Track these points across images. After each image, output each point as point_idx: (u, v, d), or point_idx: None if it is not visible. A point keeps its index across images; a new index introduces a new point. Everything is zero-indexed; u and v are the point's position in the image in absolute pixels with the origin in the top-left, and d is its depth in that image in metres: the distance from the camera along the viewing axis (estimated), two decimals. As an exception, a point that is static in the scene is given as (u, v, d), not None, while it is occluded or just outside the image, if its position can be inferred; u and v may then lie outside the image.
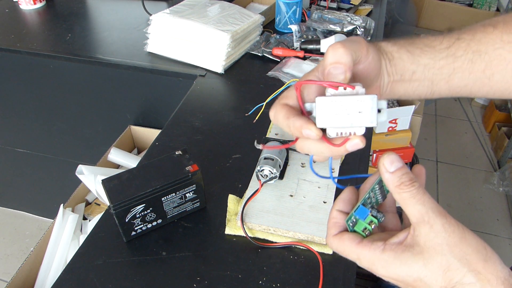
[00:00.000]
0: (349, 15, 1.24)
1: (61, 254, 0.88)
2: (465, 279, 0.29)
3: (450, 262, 0.29)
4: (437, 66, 0.40)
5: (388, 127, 1.50)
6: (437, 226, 0.30)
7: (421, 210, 0.30)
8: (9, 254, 1.67)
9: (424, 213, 0.30)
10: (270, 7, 1.27)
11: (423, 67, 0.40)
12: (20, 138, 1.42)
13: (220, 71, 1.02)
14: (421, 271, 0.30)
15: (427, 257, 0.30)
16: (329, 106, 0.33)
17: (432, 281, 0.30)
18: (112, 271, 0.58)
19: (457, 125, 2.47)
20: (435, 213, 0.30)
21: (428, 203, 0.31)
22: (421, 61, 0.40)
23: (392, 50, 0.39)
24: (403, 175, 0.32)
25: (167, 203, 0.61)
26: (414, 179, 0.32)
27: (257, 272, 0.58)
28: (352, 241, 0.34)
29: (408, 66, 0.40)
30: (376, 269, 0.32)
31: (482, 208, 1.93)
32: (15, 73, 1.21)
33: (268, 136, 0.80)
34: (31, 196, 1.69)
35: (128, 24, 1.27)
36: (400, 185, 0.31)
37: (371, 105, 0.33)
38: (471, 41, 0.40)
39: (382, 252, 0.32)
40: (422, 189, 0.31)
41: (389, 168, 0.32)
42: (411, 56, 0.39)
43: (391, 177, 0.32)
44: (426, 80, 0.40)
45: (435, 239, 0.30)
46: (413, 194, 0.31)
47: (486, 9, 2.77)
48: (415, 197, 0.31)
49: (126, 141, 1.15)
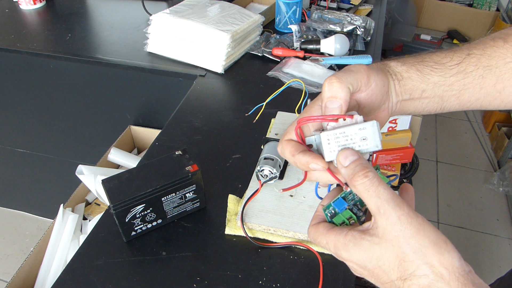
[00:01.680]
0: (349, 15, 1.24)
1: (61, 254, 0.88)
2: (418, 271, 0.29)
3: (406, 253, 0.30)
4: (448, 83, 0.40)
5: (388, 127, 1.50)
6: (392, 219, 0.30)
7: (376, 202, 0.31)
8: (9, 254, 1.67)
9: (380, 206, 0.31)
10: (270, 7, 1.27)
11: (433, 85, 0.40)
12: (20, 138, 1.42)
13: (220, 71, 1.02)
14: (379, 259, 0.31)
15: (383, 247, 0.31)
16: (334, 139, 0.34)
17: (389, 270, 0.31)
18: (112, 271, 0.58)
19: (457, 125, 2.47)
20: (390, 205, 0.30)
21: (384, 195, 0.31)
22: (431, 79, 0.40)
23: (401, 71, 0.40)
24: (357, 166, 0.32)
25: (167, 203, 0.61)
26: (369, 168, 0.32)
27: (257, 272, 0.58)
28: (324, 228, 0.35)
29: (417, 85, 0.40)
30: (340, 253, 0.33)
31: (482, 208, 1.93)
32: (15, 73, 1.21)
33: (268, 136, 0.80)
34: (31, 196, 1.69)
35: (128, 24, 1.27)
36: (354, 177, 0.32)
37: (373, 131, 0.34)
38: (481, 56, 0.40)
39: (344, 237, 0.33)
40: (376, 180, 0.31)
41: (344, 163, 0.33)
42: (421, 75, 0.40)
43: (345, 171, 0.33)
44: (436, 97, 0.41)
45: (392, 232, 0.30)
46: (366, 186, 0.31)
47: (486, 9, 2.77)
48: (369, 190, 0.31)
49: (126, 141, 1.15)
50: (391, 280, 0.31)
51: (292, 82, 0.94)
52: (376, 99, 0.38)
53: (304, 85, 0.87)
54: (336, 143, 0.35)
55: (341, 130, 0.34)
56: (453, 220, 1.86)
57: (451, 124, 2.48)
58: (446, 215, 1.88)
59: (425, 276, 0.29)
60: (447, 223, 1.85)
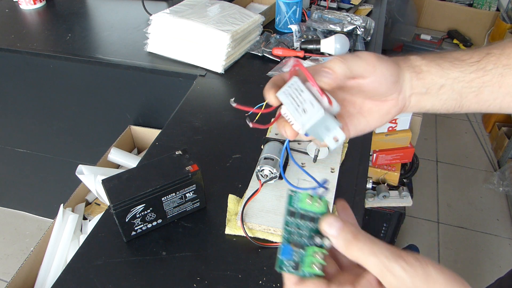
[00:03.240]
0: (349, 15, 1.24)
1: (61, 254, 0.88)
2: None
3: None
4: (467, 80, 0.40)
5: (388, 127, 1.50)
6: (397, 272, 0.28)
7: (375, 262, 0.29)
8: (9, 254, 1.67)
9: (380, 263, 0.29)
10: (270, 7, 1.27)
11: (452, 80, 0.40)
12: (20, 138, 1.42)
13: (220, 71, 1.02)
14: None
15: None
16: (295, 89, 0.36)
17: None
18: (112, 271, 0.58)
19: (457, 125, 2.47)
20: (388, 258, 0.28)
21: (378, 250, 0.29)
22: (450, 74, 0.40)
23: (421, 64, 0.40)
24: (347, 234, 0.30)
25: (167, 203, 0.61)
26: (356, 232, 0.30)
27: (257, 272, 0.58)
28: (318, 287, 0.31)
29: (436, 79, 0.40)
30: None
31: (482, 208, 1.93)
32: (15, 73, 1.21)
33: (268, 136, 0.80)
34: (31, 196, 1.69)
35: (128, 24, 1.27)
36: (348, 245, 0.30)
37: (317, 116, 0.35)
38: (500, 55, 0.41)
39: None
40: (366, 237, 0.30)
41: (331, 231, 0.31)
42: (440, 70, 0.40)
43: (337, 243, 0.31)
44: (454, 94, 0.41)
45: (399, 285, 0.28)
46: (360, 248, 0.29)
47: (486, 9, 2.77)
48: (364, 251, 0.29)
49: (126, 141, 1.15)
50: None
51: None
52: (380, 87, 0.39)
53: (304, 85, 0.87)
54: (294, 92, 0.36)
55: (305, 89, 0.35)
56: (453, 220, 1.86)
57: (451, 124, 2.48)
58: (446, 215, 1.88)
59: None
60: (447, 223, 1.85)
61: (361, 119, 0.42)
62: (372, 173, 1.60)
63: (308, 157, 0.73)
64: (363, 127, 0.42)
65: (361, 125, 0.42)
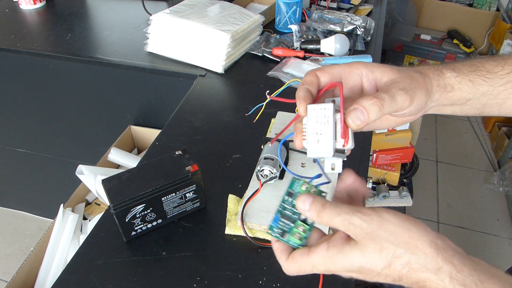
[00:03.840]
0: (349, 15, 1.24)
1: (61, 254, 0.88)
2: (396, 252, 0.32)
3: (381, 244, 0.32)
4: (495, 93, 0.41)
5: (388, 127, 1.50)
6: (357, 222, 0.33)
7: (339, 220, 0.34)
8: (9, 254, 1.67)
9: (343, 220, 0.33)
10: (270, 7, 1.27)
11: (480, 94, 0.41)
12: (20, 138, 1.42)
13: (220, 71, 1.02)
14: (361, 259, 0.33)
15: (361, 246, 0.33)
16: (324, 115, 0.37)
17: (373, 266, 0.33)
18: (112, 271, 0.58)
19: (457, 125, 2.47)
20: (349, 214, 0.33)
21: (341, 210, 0.34)
22: (480, 89, 0.41)
23: (454, 82, 0.41)
24: (316, 205, 0.35)
25: (167, 203, 0.61)
26: (323, 201, 0.35)
27: (257, 272, 0.58)
28: (302, 255, 0.36)
29: (465, 95, 0.41)
30: (328, 268, 0.35)
31: (482, 208, 1.93)
32: (15, 73, 1.21)
33: (268, 136, 0.80)
34: (31, 196, 1.69)
35: (128, 24, 1.27)
36: (318, 214, 0.35)
37: (325, 155, 0.37)
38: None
39: (327, 251, 0.35)
40: (332, 204, 0.34)
41: (305, 207, 0.35)
42: (472, 86, 0.41)
43: (310, 214, 0.35)
44: (478, 105, 0.42)
45: (361, 232, 0.33)
46: (329, 213, 0.34)
47: (486, 9, 2.77)
48: (331, 215, 0.34)
49: (126, 141, 1.15)
50: (378, 273, 0.33)
51: (292, 82, 0.94)
52: (409, 117, 0.41)
53: (304, 85, 0.87)
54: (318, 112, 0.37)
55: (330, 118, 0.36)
56: (453, 220, 1.86)
57: (451, 124, 2.48)
58: (446, 215, 1.88)
59: (403, 254, 0.32)
60: (447, 223, 1.85)
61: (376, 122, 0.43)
62: (372, 173, 1.60)
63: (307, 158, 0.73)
64: (377, 127, 0.45)
65: (375, 126, 0.44)
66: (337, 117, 0.36)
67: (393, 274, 0.32)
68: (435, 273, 0.31)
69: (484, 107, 0.43)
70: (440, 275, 0.31)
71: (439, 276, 0.31)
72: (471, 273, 0.30)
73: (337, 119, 0.36)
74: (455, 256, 0.31)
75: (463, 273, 0.31)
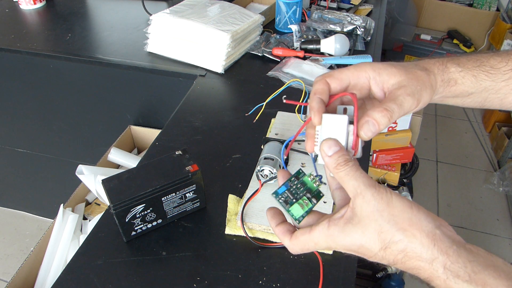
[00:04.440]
0: (349, 15, 1.24)
1: (61, 254, 0.88)
2: (394, 237, 0.33)
3: (382, 226, 0.33)
4: (496, 88, 0.42)
5: (388, 127, 1.50)
6: (367, 196, 0.34)
7: (354, 184, 0.35)
8: (9, 254, 1.67)
9: (357, 187, 0.34)
10: (270, 7, 1.27)
11: (482, 89, 0.42)
12: (20, 138, 1.42)
13: (220, 71, 1.02)
14: (361, 238, 0.34)
15: (363, 225, 0.34)
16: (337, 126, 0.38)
17: (372, 245, 0.34)
18: (112, 271, 0.58)
19: (457, 125, 2.47)
20: (365, 185, 0.34)
21: (360, 178, 0.35)
22: (482, 84, 0.42)
23: (457, 77, 0.42)
24: (339, 157, 0.36)
25: (167, 203, 0.61)
26: (349, 159, 0.36)
27: (257, 272, 0.58)
28: (304, 233, 0.37)
29: (467, 89, 0.42)
30: (329, 245, 0.36)
31: (482, 208, 1.93)
32: (15, 73, 1.21)
33: (268, 136, 0.80)
34: (31, 196, 1.69)
35: (128, 24, 1.27)
36: (337, 166, 0.36)
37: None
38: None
39: (328, 229, 0.36)
40: (355, 166, 0.35)
41: (328, 152, 0.36)
42: (474, 81, 0.42)
43: (329, 160, 0.36)
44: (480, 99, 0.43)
45: (368, 208, 0.34)
46: (347, 172, 0.35)
47: (486, 9, 2.77)
48: (349, 174, 0.35)
49: (126, 141, 1.15)
50: (375, 254, 0.34)
51: (292, 82, 0.94)
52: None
53: (304, 85, 0.87)
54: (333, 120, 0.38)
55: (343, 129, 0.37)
56: (453, 220, 1.86)
57: (451, 124, 2.48)
58: (446, 215, 1.88)
59: (400, 241, 0.33)
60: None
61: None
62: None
63: (308, 157, 0.73)
64: None
65: None
66: (349, 128, 0.38)
67: (389, 257, 0.34)
68: (430, 263, 0.32)
69: (485, 101, 0.43)
70: (435, 265, 0.32)
71: (433, 266, 0.32)
72: (465, 264, 0.31)
73: (349, 131, 0.38)
74: (452, 247, 0.32)
75: (457, 264, 0.31)
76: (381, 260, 0.35)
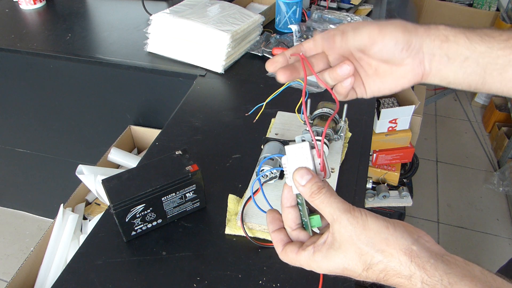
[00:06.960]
0: (349, 15, 1.24)
1: (61, 254, 0.88)
2: (374, 259, 0.34)
3: (361, 248, 0.35)
4: (493, 56, 0.40)
5: (388, 127, 1.50)
6: (343, 222, 0.35)
7: (330, 211, 0.36)
8: (9, 254, 1.67)
9: (333, 213, 0.36)
10: (270, 7, 1.27)
11: (478, 54, 0.40)
12: (20, 138, 1.42)
13: (220, 71, 1.02)
14: (344, 261, 0.36)
15: (344, 249, 0.35)
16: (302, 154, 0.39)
17: (354, 267, 0.35)
18: (112, 271, 0.58)
19: (457, 125, 2.47)
20: (340, 211, 0.35)
21: (335, 203, 0.36)
22: (477, 48, 0.40)
23: (449, 34, 0.41)
24: (313, 185, 0.37)
25: (167, 203, 0.61)
26: (322, 185, 0.37)
27: (257, 272, 0.58)
28: (293, 251, 0.39)
29: (462, 50, 0.40)
30: (314, 269, 0.38)
31: (482, 208, 1.93)
32: (15, 73, 1.21)
33: (268, 136, 0.80)
34: (31, 196, 1.69)
35: (128, 24, 1.27)
36: (312, 194, 0.37)
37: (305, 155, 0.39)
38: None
39: (313, 255, 0.37)
40: (329, 192, 0.37)
41: (301, 182, 0.37)
42: (468, 42, 0.40)
43: (303, 190, 0.37)
44: (479, 68, 0.41)
45: (345, 233, 0.35)
46: (322, 199, 0.36)
47: (486, 9, 2.77)
48: (324, 202, 0.36)
49: (126, 141, 1.15)
50: (359, 274, 0.36)
51: (292, 82, 0.94)
52: (387, 54, 0.41)
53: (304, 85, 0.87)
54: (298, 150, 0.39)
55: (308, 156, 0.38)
56: (453, 220, 1.86)
57: (451, 124, 2.48)
58: (446, 215, 1.88)
59: (380, 262, 0.34)
60: (447, 223, 1.85)
61: (376, 80, 0.44)
62: (372, 173, 1.60)
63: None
64: (378, 88, 0.45)
65: (376, 86, 0.44)
66: (313, 153, 0.39)
67: (372, 276, 0.35)
68: (408, 279, 0.33)
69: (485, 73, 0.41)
70: (413, 280, 0.33)
71: (411, 281, 0.33)
72: (441, 278, 0.32)
73: (313, 155, 0.39)
74: (429, 261, 0.33)
75: (434, 278, 0.33)
76: (366, 279, 0.36)
